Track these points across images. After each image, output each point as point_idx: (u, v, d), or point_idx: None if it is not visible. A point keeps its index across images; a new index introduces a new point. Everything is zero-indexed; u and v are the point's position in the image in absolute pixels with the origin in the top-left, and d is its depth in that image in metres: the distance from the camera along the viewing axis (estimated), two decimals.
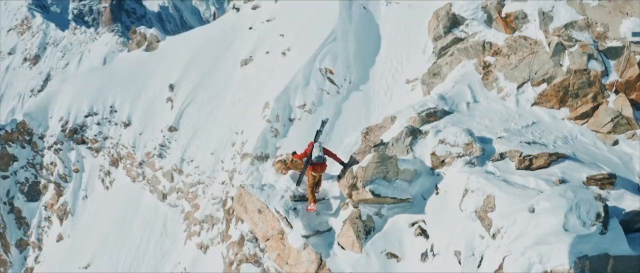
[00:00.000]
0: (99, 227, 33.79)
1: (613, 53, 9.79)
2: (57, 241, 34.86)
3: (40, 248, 35.25)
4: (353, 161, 9.56)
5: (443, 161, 8.87)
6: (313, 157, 8.95)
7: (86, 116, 37.09)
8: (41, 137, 37.24)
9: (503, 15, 11.93)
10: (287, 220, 9.07)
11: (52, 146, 36.90)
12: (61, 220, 35.62)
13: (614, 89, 9.59)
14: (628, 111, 9.35)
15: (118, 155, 35.91)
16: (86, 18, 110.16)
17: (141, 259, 30.48)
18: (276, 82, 27.59)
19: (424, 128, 10.43)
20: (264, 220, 9.83)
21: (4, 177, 36.26)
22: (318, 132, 9.80)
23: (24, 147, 37.02)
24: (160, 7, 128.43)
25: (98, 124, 36.85)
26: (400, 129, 10.22)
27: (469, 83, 12.02)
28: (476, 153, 8.70)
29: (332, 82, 26.24)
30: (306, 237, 8.84)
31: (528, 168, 8.40)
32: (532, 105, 10.74)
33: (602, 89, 9.78)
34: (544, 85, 10.51)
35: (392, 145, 9.85)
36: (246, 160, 24.95)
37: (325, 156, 9.10)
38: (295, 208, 9.30)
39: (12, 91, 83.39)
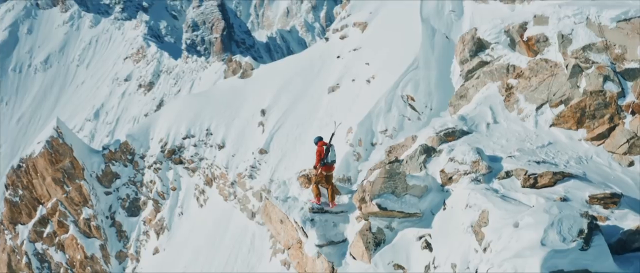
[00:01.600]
0: (192, 242, 35.92)
1: (630, 75, 9.78)
2: (154, 254, 37.37)
3: (137, 260, 37.85)
4: (366, 176, 10.21)
5: (451, 178, 9.28)
6: (329, 159, 9.83)
7: (184, 138, 39.56)
8: (142, 157, 40.05)
9: (525, 38, 12.14)
10: (303, 230, 9.82)
11: (152, 165, 39.62)
12: (158, 234, 38.18)
13: (631, 110, 9.57)
14: None
15: (212, 175, 38.02)
16: (198, 48, 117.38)
17: None
18: (360, 108, 28.20)
19: (440, 147, 10.85)
20: (285, 230, 10.65)
21: (107, 193, 39.25)
22: (332, 135, 10.65)
23: (126, 166, 39.99)
24: (268, 38, 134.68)
25: (195, 145, 39.17)
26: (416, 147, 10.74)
27: (491, 104, 12.29)
28: (482, 171, 9.04)
29: (413, 108, 26.26)
30: (320, 246, 9.54)
31: (533, 186, 8.61)
32: (550, 126, 10.86)
33: (618, 110, 9.78)
34: (562, 107, 10.62)
35: (407, 162, 10.38)
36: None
37: None
38: (312, 220, 10.03)
39: (127, 115, 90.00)
